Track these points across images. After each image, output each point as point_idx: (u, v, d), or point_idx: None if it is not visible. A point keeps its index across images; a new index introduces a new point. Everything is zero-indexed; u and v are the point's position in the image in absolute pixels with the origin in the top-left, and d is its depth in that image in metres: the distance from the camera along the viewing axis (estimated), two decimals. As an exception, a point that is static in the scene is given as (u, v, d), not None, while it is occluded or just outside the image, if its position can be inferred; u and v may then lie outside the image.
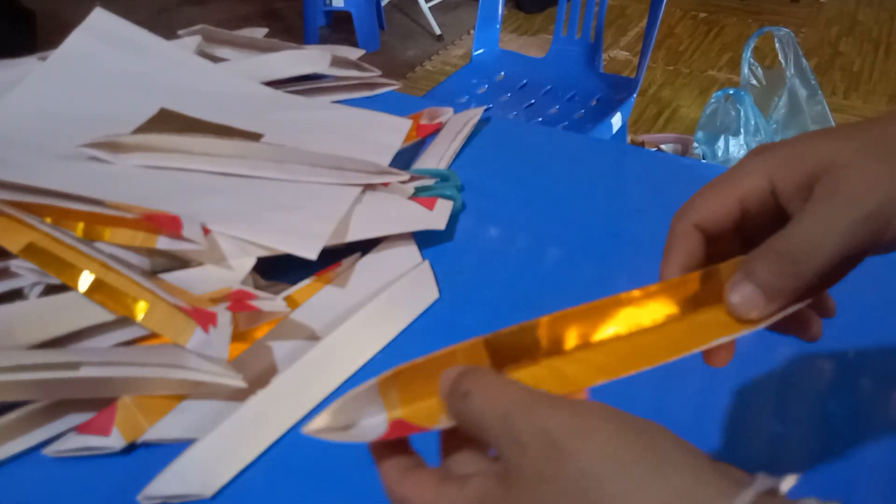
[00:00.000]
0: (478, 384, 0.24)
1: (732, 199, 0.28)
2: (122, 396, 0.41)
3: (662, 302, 0.27)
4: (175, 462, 0.39)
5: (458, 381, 0.25)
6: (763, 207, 0.27)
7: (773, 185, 0.27)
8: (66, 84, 0.66)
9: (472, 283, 0.53)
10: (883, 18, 2.80)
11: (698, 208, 0.28)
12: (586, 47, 1.57)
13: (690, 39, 2.70)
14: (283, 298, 0.48)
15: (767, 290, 0.26)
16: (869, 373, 0.45)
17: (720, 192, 0.28)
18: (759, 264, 0.26)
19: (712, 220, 0.28)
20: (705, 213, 0.28)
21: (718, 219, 0.28)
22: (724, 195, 0.28)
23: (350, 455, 0.41)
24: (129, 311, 0.43)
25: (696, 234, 0.28)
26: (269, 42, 0.76)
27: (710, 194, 0.28)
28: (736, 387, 0.44)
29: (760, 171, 0.27)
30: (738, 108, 1.55)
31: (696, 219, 0.28)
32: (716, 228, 0.28)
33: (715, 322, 0.27)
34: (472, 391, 0.24)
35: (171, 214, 0.47)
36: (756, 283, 0.26)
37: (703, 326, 0.27)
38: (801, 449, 0.40)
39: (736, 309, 0.26)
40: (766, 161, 0.27)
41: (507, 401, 0.23)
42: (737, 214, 0.28)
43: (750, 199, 0.27)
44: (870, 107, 2.23)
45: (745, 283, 0.26)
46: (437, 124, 0.68)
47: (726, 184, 0.28)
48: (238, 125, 0.63)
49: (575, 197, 0.62)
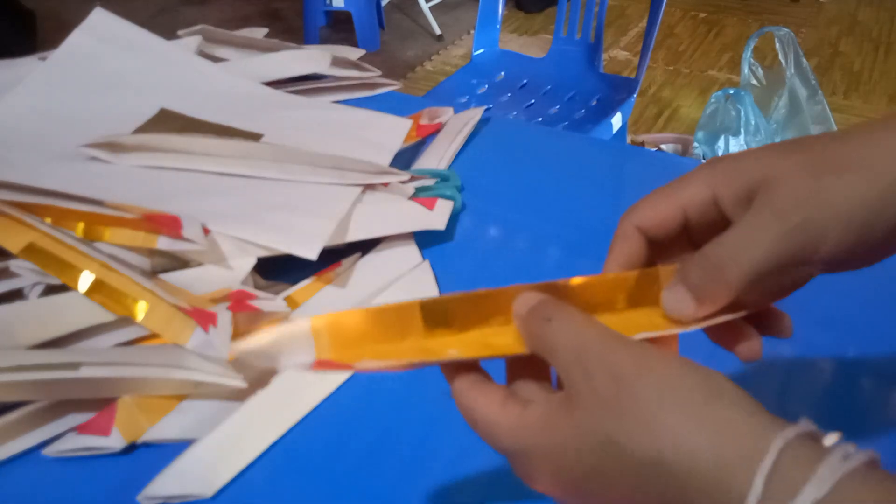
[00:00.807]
0: (561, 313, 0.26)
1: (674, 205, 0.29)
2: (122, 396, 0.42)
3: (601, 293, 0.29)
4: (175, 462, 0.39)
5: (541, 306, 0.27)
6: (706, 216, 0.29)
7: (716, 195, 0.28)
8: (66, 84, 0.66)
9: (472, 283, 0.53)
10: (883, 18, 2.80)
11: (641, 211, 0.30)
12: (586, 47, 1.57)
13: (690, 39, 2.70)
14: (283, 298, 0.48)
15: (697, 293, 0.27)
16: (869, 373, 0.45)
17: (664, 197, 0.29)
18: (692, 268, 0.27)
19: (653, 224, 0.29)
20: (647, 217, 0.30)
21: (659, 223, 0.29)
22: (667, 201, 0.29)
23: (350, 455, 0.41)
24: (129, 311, 0.43)
25: (637, 235, 0.30)
26: (269, 42, 0.76)
27: (654, 199, 0.30)
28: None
29: (703, 181, 0.28)
30: (738, 108, 1.55)
31: (638, 221, 0.30)
32: (658, 232, 0.30)
33: (647, 320, 0.28)
34: (555, 318, 0.26)
35: (171, 214, 0.47)
36: (687, 286, 0.27)
37: (634, 321, 0.28)
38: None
39: (668, 309, 0.28)
40: (710, 172, 0.29)
41: (584, 333, 0.25)
42: (679, 220, 0.29)
43: (692, 206, 0.29)
44: (870, 107, 2.23)
45: (678, 284, 0.27)
46: (437, 124, 0.68)
47: (671, 191, 0.29)
48: (238, 125, 0.63)
49: (575, 197, 0.62)
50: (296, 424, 0.42)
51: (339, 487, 0.39)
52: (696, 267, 0.27)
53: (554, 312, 0.26)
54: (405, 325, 0.27)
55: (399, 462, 0.40)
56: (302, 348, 0.27)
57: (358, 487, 0.39)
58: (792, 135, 1.59)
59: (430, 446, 0.41)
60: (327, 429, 0.42)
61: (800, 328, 0.31)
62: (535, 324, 0.26)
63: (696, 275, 0.27)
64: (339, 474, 0.40)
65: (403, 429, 0.42)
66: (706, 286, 0.27)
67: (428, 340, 0.27)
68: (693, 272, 0.27)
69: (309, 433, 0.42)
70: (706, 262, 0.27)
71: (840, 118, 1.86)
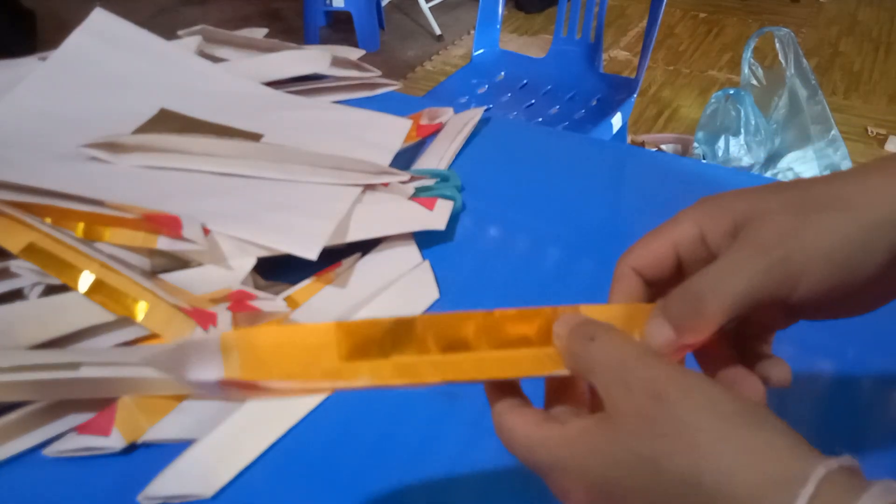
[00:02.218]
0: (604, 332, 0.26)
1: (666, 244, 0.30)
2: (122, 396, 0.42)
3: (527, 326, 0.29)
4: (175, 462, 0.39)
5: (584, 326, 0.27)
6: (696, 254, 0.29)
7: (703, 232, 0.29)
8: (66, 84, 0.66)
9: (472, 283, 0.53)
10: (883, 18, 2.80)
11: (635, 252, 0.30)
12: (586, 47, 1.57)
13: (690, 39, 2.70)
14: (283, 298, 0.48)
15: (676, 322, 0.27)
16: (869, 373, 0.45)
17: (656, 238, 0.30)
18: (673, 298, 0.28)
19: (647, 263, 0.30)
20: (641, 257, 0.30)
21: (653, 262, 0.30)
22: (659, 241, 0.30)
23: (350, 455, 0.41)
24: (129, 311, 0.43)
25: (633, 275, 0.30)
26: (269, 42, 0.76)
27: (647, 240, 0.30)
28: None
29: (692, 220, 0.29)
30: (738, 108, 1.55)
31: (633, 262, 0.30)
32: (653, 271, 0.30)
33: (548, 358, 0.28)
34: (598, 337, 0.26)
35: (171, 214, 0.47)
36: (666, 315, 0.27)
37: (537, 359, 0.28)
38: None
39: (649, 337, 0.28)
40: (698, 211, 0.29)
41: (625, 351, 0.25)
42: (671, 259, 0.30)
43: (683, 245, 0.29)
44: (870, 107, 2.23)
45: (658, 314, 0.28)
46: (437, 124, 0.68)
47: (662, 231, 0.30)
48: (238, 125, 0.63)
49: (575, 197, 0.62)
50: (296, 424, 0.42)
51: (339, 487, 0.39)
52: (676, 297, 0.27)
53: (596, 332, 0.26)
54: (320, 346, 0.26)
55: (399, 462, 0.40)
56: (209, 363, 0.25)
57: (358, 487, 0.39)
58: (792, 135, 1.59)
59: (430, 446, 0.41)
60: (327, 429, 0.42)
61: (800, 328, 0.31)
62: (578, 343, 0.27)
63: (675, 305, 0.27)
64: (339, 474, 0.40)
65: (403, 429, 0.42)
66: (685, 316, 0.27)
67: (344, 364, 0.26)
68: (673, 302, 0.27)
69: (309, 433, 0.42)
70: (686, 293, 0.27)
71: (840, 118, 1.87)
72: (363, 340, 0.27)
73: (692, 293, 0.27)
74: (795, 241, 0.26)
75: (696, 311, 0.26)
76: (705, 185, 0.62)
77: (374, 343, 0.27)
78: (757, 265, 0.26)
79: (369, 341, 0.27)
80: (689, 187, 0.62)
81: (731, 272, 0.26)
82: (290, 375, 0.26)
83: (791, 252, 0.26)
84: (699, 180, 0.63)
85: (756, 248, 0.26)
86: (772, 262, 0.26)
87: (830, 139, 1.57)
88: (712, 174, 0.65)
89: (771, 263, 0.26)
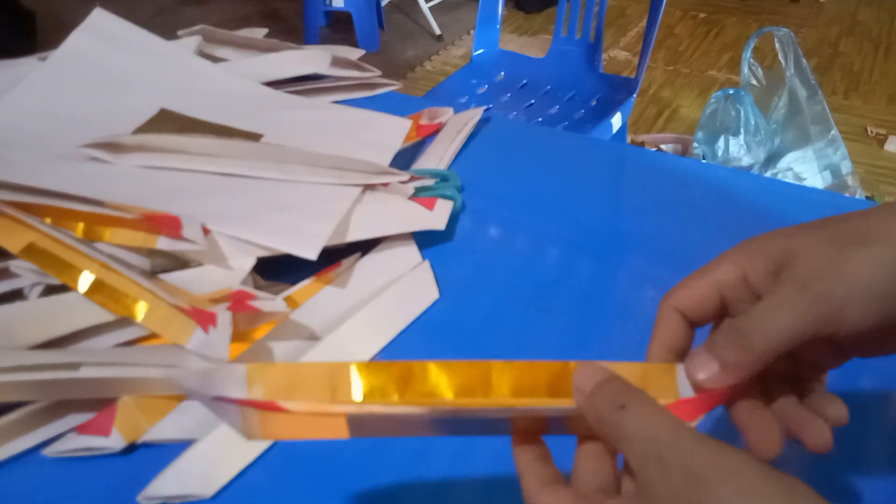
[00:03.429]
0: (635, 401, 0.26)
1: (708, 285, 0.30)
2: (122, 396, 0.41)
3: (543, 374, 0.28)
4: (175, 462, 0.39)
5: (613, 391, 0.27)
6: (740, 294, 0.30)
7: (745, 274, 0.29)
8: (66, 84, 0.66)
9: (472, 283, 0.53)
10: (883, 18, 2.80)
11: (678, 293, 0.31)
12: (586, 47, 1.57)
13: (690, 39, 2.70)
14: (283, 299, 0.48)
15: (721, 360, 0.27)
16: (869, 374, 0.45)
17: (698, 279, 0.30)
18: (718, 335, 0.28)
19: (690, 305, 0.30)
20: (684, 298, 0.30)
21: (696, 303, 0.30)
22: (701, 282, 0.30)
23: (350, 455, 0.41)
24: (129, 311, 0.43)
25: (676, 316, 0.31)
26: (269, 42, 0.76)
27: (689, 281, 0.31)
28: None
29: (733, 262, 0.30)
30: (738, 108, 1.55)
31: (676, 303, 0.31)
32: (696, 312, 0.30)
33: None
34: (630, 406, 0.26)
35: (171, 214, 0.47)
36: (712, 351, 0.28)
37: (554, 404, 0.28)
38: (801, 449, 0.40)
39: (691, 372, 0.28)
40: (738, 253, 0.30)
41: (658, 425, 0.25)
42: (715, 300, 0.30)
43: (725, 286, 0.30)
44: (870, 107, 2.23)
45: (703, 350, 0.28)
46: (437, 124, 0.68)
47: (704, 272, 0.30)
48: (238, 125, 0.63)
49: (575, 197, 0.62)
50: (296, 424, 0.42)
51: (339, 487, 0.39)
52: (722, 334, 0.28)
53: (627, 399, 0.26)
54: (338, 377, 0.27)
55: (399, 462, 0.40)
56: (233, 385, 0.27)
57: (358, 487, 0.39)
58: (792, 135, 1.59)
59: (431, 446, 0.41)
60: (327, 429, 0.42)
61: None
62: (607, 409, 0.26)
63: (721, 341, 0.28)
64: (339, 474, 0.40)
65: (403, 429, 0.42)
66: (731, 352, 0.27)
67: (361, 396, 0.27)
68: (719, 338, 0.28)
69: (309, 433, 0.42)
70: (732, 331, 0.27)
71: (840, 118, 1.86)
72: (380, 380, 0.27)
73: (738, 330, 0.27)
74: (835, 275, 0.26)
75: (743, 347, 0.27)
76: (705, 185, 0.62)
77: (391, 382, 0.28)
78: (800, 302, 0.27)
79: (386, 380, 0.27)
80: (689, 187, 0.62)
81: (776, 310, 0.27)
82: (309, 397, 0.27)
83: (832, 287, 0.26)
84: (699, 180, 0.63)
85: (797, 286, 0.27)
86: (814, 299, 0.26)
87: (830, 139, 1.57)
88: (712, 174, 0.65)
89: (813, 300, 0.26)
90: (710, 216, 0.59)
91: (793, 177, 1.59)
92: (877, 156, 2.02)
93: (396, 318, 0.49)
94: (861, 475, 0.39)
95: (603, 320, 0.49)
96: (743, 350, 0.27)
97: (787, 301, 0.27)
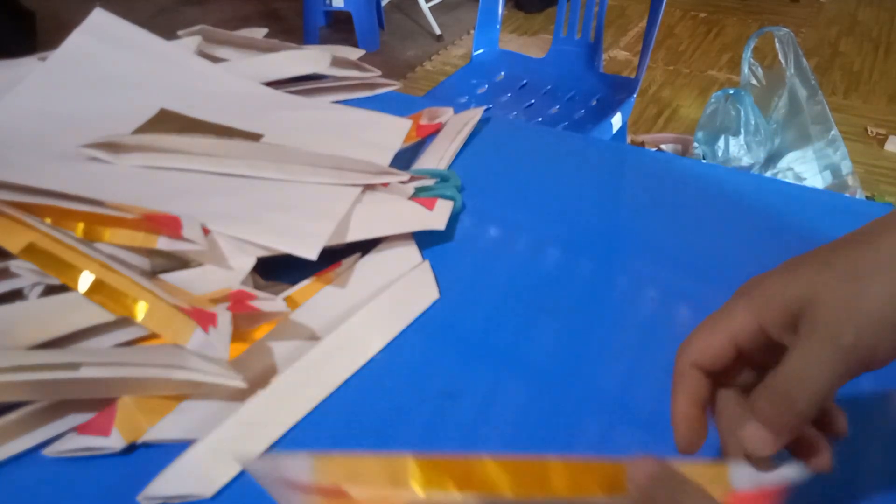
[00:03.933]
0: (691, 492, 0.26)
1: (724, 338, 0.30)
2: (122, 396, 0.42)
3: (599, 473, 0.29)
4: (175, 462, 0.39)
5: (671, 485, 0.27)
6: (758, 343, 0.29)
7: (761, 324, 0.29)
8: (66, 84, 0.66)
9: (472, 283, 0.53)
10: (883, 18, 2.80)
11: (694, 347, 0.30)
12: (586, 47, 1.57)
13: (690, 39, 2.70)
14: (283, 299, 0.48)
15: (771, 426, 0.28)
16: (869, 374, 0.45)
17: (712, 332, 0.30)
18: (762, 404, 0.28)
19: (708, 359, 0.30)
20: (700, 353, 0.30)
21: (713, 357, 0.30)
22: (716, 335, 0.30)
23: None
24: (129, 311, 0.43)
25: (695, 371, 0.30)
26: (268, 42, 0.76)
27: (703, 334, 0.30)
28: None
29: (747, 311, 0.29)
30: (738, 108, 1.56)
31: (692, 358, 0.30)
32: (714, 365, 0.30)
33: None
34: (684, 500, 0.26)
35: (171, 214, 0.47)
36: (762, 421, 0.28)
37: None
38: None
39: (749, 446, 0.28)
40: (750, 301, 0.29)
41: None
42: (732, 351, 0.30)
43: (741, 337, 0.29)
44: (870, 107, 2.23)
45: (752, 422, 0.28)
46: (437, 124, 0.68)
47: (718, 325, 0.30)
48: (238, 125, 0.63)
49: (575, 197, 0.62)
50: (296, 424, 0.42)
51: (339, 487, 0.39)
52: (766, 402, 0.28)
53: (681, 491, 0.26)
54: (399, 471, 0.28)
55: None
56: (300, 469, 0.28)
57: (358, 487, 0.39)
58: (792, 135, 1.59)
59: (430, 447, 0.41)
60: (327, 429, 0.42)
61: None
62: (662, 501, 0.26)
63: (767, 409, 0.28)
64: (339, 474, 0.40)
65: (403, 429, 0.42)
66: (780, 417, 0.27)
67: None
68: (764, 407, 0.28)
69: (309, 433, 0.42)
70: (775, 396, 0.27)
71: (840, 118, 1.86)
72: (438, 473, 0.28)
73: (780, 394, 0.27)
74: (860, 317, 0.26)
75: (790, 410, 0.27)
76: (705, 185, 0.62)
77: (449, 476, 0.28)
78: (834, 355, 0.26)
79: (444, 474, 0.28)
80: (689, 187, 0.62)
81: (812, 367, 0.27)
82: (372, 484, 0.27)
83: (860, 333, 0.26)
84: (699, 180, 0.63)
85: (827, 338, 0.27)
86: (848, 349, 0.26)
87: (830, 139, 1.57)
88: (712, 174, 0.65)
89: (848, 350, 0.26)
90: (710, 216, 0.59)
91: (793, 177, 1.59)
92: (877, 156, 2.02)
93: (396, 319, 0.49)
94: (861, 475, 0.39)
95: (603, 320, 0.49)
96: (791, 413, 0.27)
97: (820, 355, 0.27)
